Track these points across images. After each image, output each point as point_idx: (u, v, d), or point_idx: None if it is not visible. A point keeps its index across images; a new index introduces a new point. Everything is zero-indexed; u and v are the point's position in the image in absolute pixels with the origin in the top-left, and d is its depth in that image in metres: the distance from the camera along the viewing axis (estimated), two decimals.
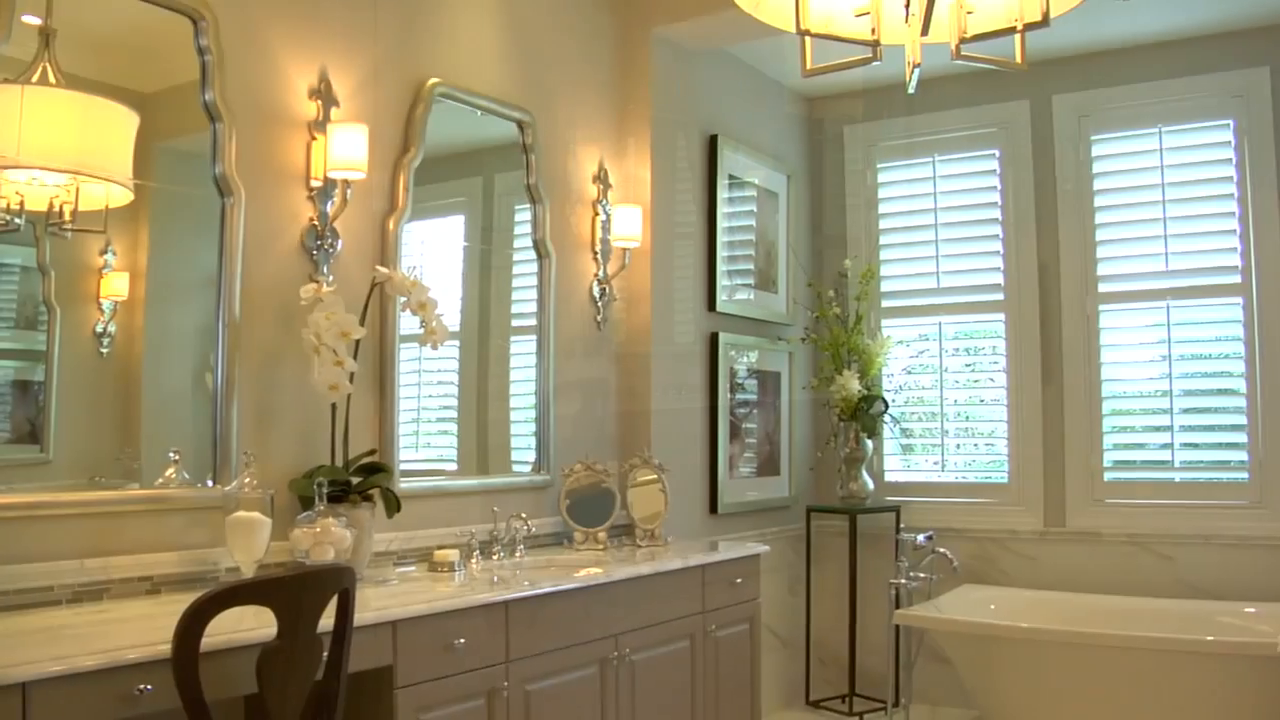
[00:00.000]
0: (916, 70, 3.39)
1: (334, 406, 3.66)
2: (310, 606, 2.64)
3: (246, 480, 3.32)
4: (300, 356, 3.62)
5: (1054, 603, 5.68)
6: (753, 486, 6.10)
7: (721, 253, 5.82)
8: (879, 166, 6.69)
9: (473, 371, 4.63)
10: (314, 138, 3.79)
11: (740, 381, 6.02)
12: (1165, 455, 5.89)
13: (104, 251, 3.22)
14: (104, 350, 3.23)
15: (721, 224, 5.82)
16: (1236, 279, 5.71)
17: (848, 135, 6.74)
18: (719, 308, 5.79)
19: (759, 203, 6.24)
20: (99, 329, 3.22)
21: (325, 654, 2.74)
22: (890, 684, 5.87)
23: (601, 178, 5.17)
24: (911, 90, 3.64)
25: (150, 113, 3.25)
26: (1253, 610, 5.32)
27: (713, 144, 5.81)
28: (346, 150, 3.71)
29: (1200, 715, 4.63)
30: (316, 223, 3.78)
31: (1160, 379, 5.89)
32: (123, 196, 3.19)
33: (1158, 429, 5.93)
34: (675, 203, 5.46)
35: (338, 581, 2.74)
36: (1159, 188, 5.89)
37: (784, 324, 6.42)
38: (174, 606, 2.60)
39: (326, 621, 2.72)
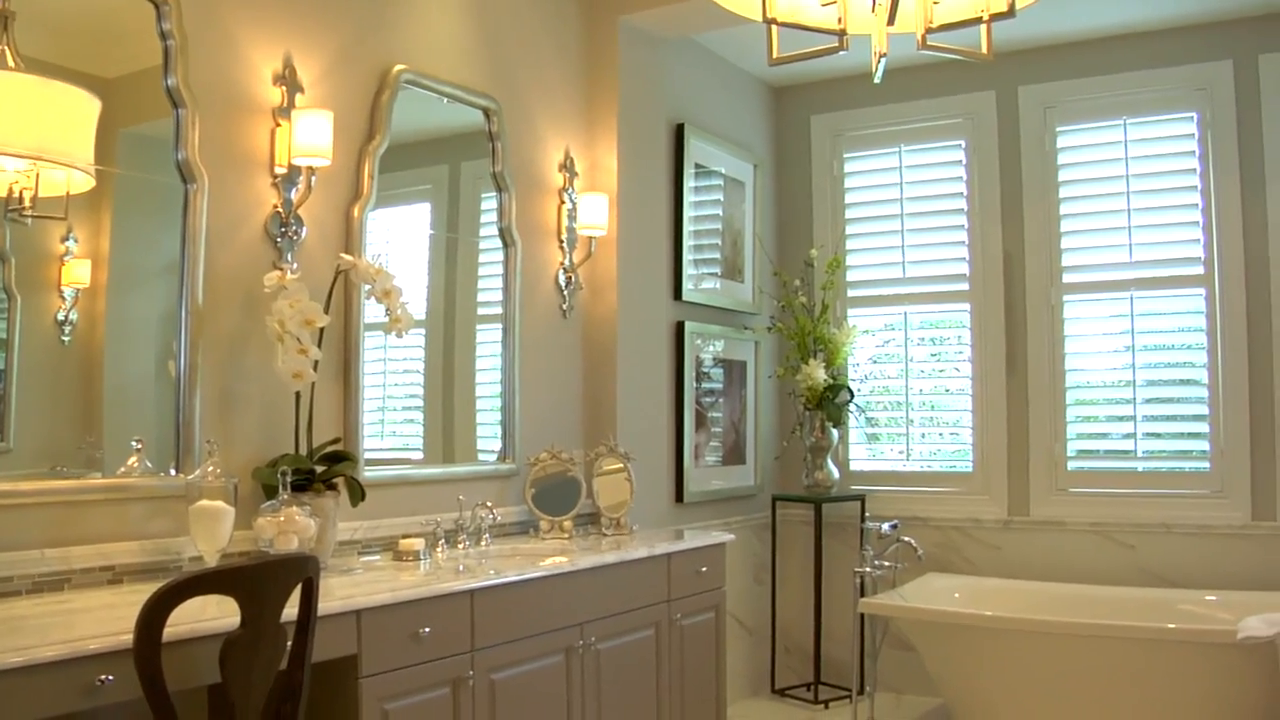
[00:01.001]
0: (883, 60, 3.39)
1: (298, 395, 3.64)
2: (274, 596, 2.62)
3: (210, 469, 3.29)
4: (264, 344, 3.60)
5: (1017, 591, 5.72)
6: (718, 475, 6.11)
7: (688, 241, 5.82)
8: (845, 156, 6.70)
9: (438, 360, 4.61)
10: (278, 124, 3.76)
11: (706, 370, 6.03)
12: (1128, 445, 5.94)
13: (65, 238, 3.19)
14: (65, 338, 3.20)
15: (688, 213, 5.83)
16: (1199, 270, 5.76)
17: (814, 125, 6.75)
18: (685, 296, 5.79)
19: (725, 191, 6.24)
20: (60, 317, 3.19)
21: (289, 644, 2.73)
22: (855, 672, 5.90)
23: (568, 166, 5.16)
24: (878, 80, 3.64)
25: (112, 98, 3.22)
26: (1213, 598, 5.38)
27: (679, 132, 5.81)
28: (311, 137, 3.68)
29: (1162, 702, 4.68)
30: (281, 210, 3.76)
31: (1123, 369, 5.94)
32: (84, 182, 3.15)
33: (1121, 419, 5.98)
34: (642, 191, 5.45)
35: (301, 570, 2.72)
36: (1123, 179, 5.94)
37: (750, 313, 6.43)
38: (136, 596, 2.58)
39: (290, 611, 2.71)
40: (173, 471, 3.39)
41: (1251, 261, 5.62)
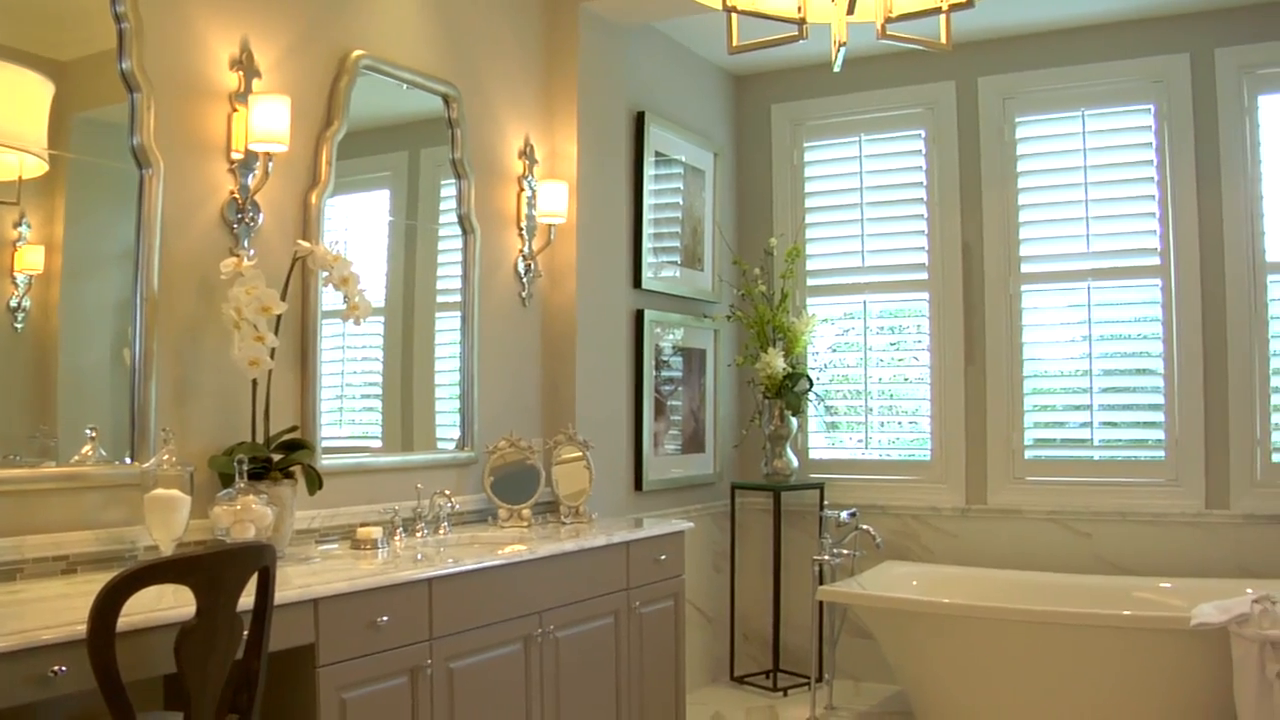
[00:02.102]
0: (842, 49, 3.40)
1: (255, 383, 3.61)
2: (230, 585, 2.60)
3: (165, 457, 3.26)
4: (220, 332, 3.57)
5: (975, 579, 5.77)
6: (677, 463, 6.12)
7: (647, 230, 5.82)
8: (805, 145, 6.72)
9: (397, 347, 4.59)
10: (235, 109, 3.72)
11: (665, 359, 6.03)
12: (1085, 434, 6.00)
13: (18, 224, 3.15)
14: (18, 325, 3.16)
15: (648, 201, 5.82)
16: (1156, 261, 5.82)
17: (775, 114, 6.76)
18: (645, 285, 5.79)
19: (685, 180, 6.24)
20: (13, 304, 3.15)
21: (245, 633, 2.71)
22: (813, 660, 5.92)
23: (527, 153, 5.14)
24: (837, 69, 3.64)
25: (66, 82, 3.18)
26: (1168, 585, 5.44)
27: (640, 120, 5.80)
28: (268, 122, 3.65)
29: (1117, 688, 4.72)
30: (237, 196, 3.73)
31: (1080, 359, 5.99)
32: (37, 167, 3.12)
33: (1077, 408, 6.04)
34: (601, 179, 5.44)
35: (258, 559, 2.70)
36: (1081, 170, 5.99)
37: (709, 301, 6.43)
38: (90, 586, 2.56)
39: (247, 600, 2.69)
40: (128, 460, 3.36)
41: (1206, 253, 5.68)
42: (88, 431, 3.31)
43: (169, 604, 2.64)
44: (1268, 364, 5.60)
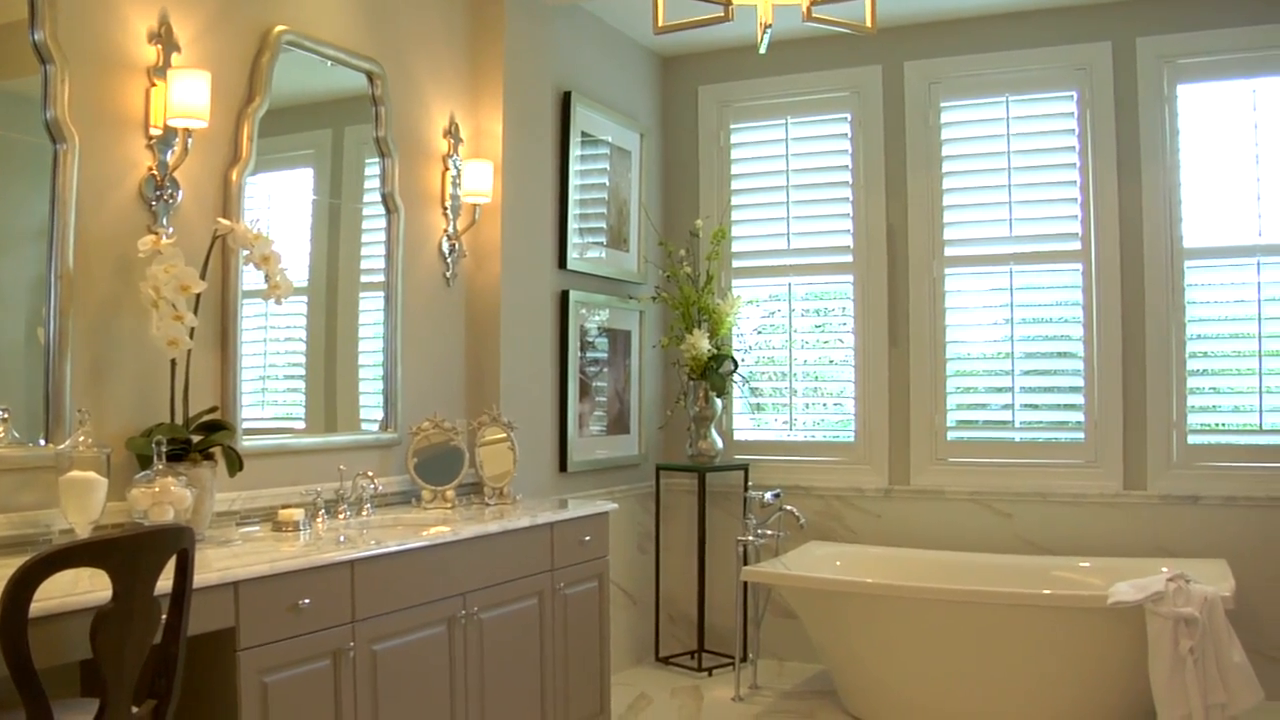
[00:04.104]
0: (768, 31, 3.41)
1: (173, 362, 3.55)
2: (146, 568, 2.56)
3: (81, 439, 3.20)
4: (138, 311, 3.51)
5: (898, 559, 5.83)
6: (602, 445, 6.12)
7: (573, 210, 5.80)
8: (732, 127, 6.73)
9: (321, 327, 4.53)
10: (153, 84, 3.65)
11: (591, 340, 6.02)
12: (1006, 415, 6.08)
13: None
14: None
15: (574, 181, 5.80)
16: (1076, 246, 5.90)
17: (702, 95, 6.76)
18: (570, 265, 5.78)
19: (612, 160, 6.23)
20: None
21: (164, 617, 2.67)
22: (738, 640, 5.96)
23: (452, 132, 5.10)
24: (762, 51, 3.65)
25: None
26: (1087, 564, 5.54)
27: (566, 100, 5.77)
28: (187, 97, 3.58)
29: (1038, 665, 4.80)
30: (156, 172, 3.65)
31: (1002, 342, 6.07)
32: None
33: (999, 390, 6.12)
34: (527, 159, 5.41)
35: (176, 542, 2.66)
36: (1004, 155, 6.07)
37: (635, 282, 6.43)
38: (3, 570, 2.50)
39: (165, 583, 2.65)
40: (42, 442, 3.29)
41: (1126, 238, 5.77)
42: (0, 412, 3.23)
43: (85, 588, 2.59)
44: (1184, 348, 5.71)
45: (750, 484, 6.33)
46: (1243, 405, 5.67)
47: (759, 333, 6.65)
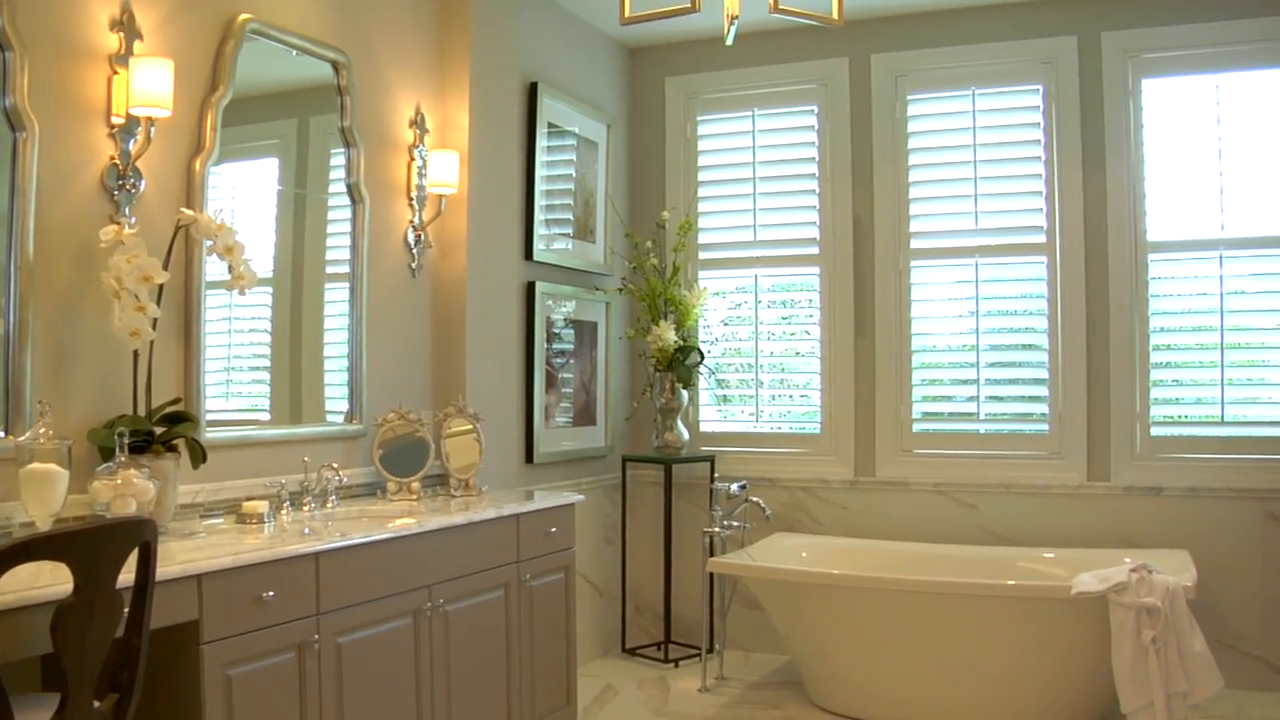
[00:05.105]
0: (734, 23, 3.40)
1: (136, 354, 3.52)
2: (108, 561, 2.54)
3: (42, 431, 3.17)
4: (100, 301, 3.47)
5: (863, 550, 5.85)
6: (568, 436, 6.11)
7: (539, 201, 5.78)
8: (699, 119, 6.72)
9: (286, 319, 4.50)
10: (116, 72, 3.61)
11: (557, 331, 6.01)
12: (971, 408, 6.11)
13: None
14: None
15: (540, 172, 5.79)
16: (1041, 239, 5.94)
17: (669, 86, 6.76)
18: (536, 256, 5.76)
19: (579, 152, 6.21)
20: None
21: (126, 610, 2.65)
22: (704, 631, 5.96)
23: (418, 122, 5.07)
24: (729, 42, 3.65)
25: None
26: (1050, 555, 5.57)
27: (533, 91, 5.75)
28: (150, 86, 3.54)
29: (1002, 655, 4.83)
30: (118, 162, 3.62)
31: (968, 334, 6.09)
32: None
33: (964, 382, 6.15)
34: (493, 149, 5.39)
35: (138, 534, 2.64)
36: (970, 148, 6.09)
37: (601, 274, 6.42)
38: None
39: (127, 577, 2.62)
40: (2, 434, 3.25)
41: (1091, 232, 5.81)
42: None
43: (45, 582, 2.57)
44: (1148, 341, 5.75)
45: (716, 475, 6.33)
46: (1205, 397, 5.73)
47: (725, 324, 6.66)
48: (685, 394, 6.33)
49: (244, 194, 4.27)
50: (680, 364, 6.22)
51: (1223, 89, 5.67)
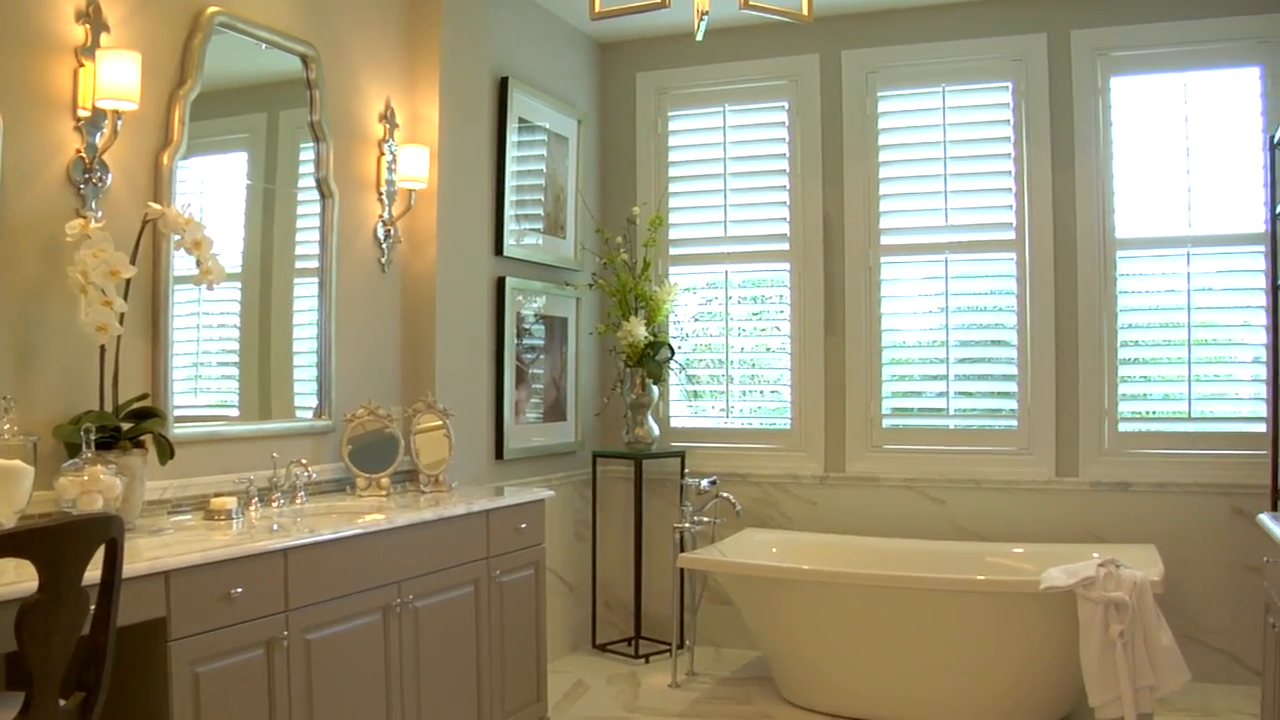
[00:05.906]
0: (705, 19, 3.40)
1: (103, 349, 3.50)
2: (74, 558, 2.51)
3: (7, 426, 3.14)
4: (66, 296, 3.44)
5: (833, 545, 5.86)
6: (539, 432, 6.10)
7: (510, 196, 5.77)
8: (670, 114, 6.72)
9: (255, 314, 4.47)
10: (82, 64, 3.58)
11: (527, 327, 6.00)
12: (941, 403, 6.13)
13: None
14: None
15: (510, 167, 5.77)
16: (1011, 235, 5.96)
17: (640, 82, 6.75)
18: (506, 252, 5.75)
19: (549, 147, 6.20)
20: None
21: (92, 607, 2.63)
22: (675, 626, 5.97)
23: (388, 117, 5.05)
24: (699, 38, 3.64)
25: None
26: (1019, 550, 5.60)
27: (503, 86, 5.74)
28: (117, 79, 3.52)
29: (971, 650, 4.85)
30: (84, 155, 3.59)
31: (938, 330, 6.12)
32: None
33: (934, 378, 6.17)
34: (463, 144, 5.37)
35: (104, 531, 2.62)
36: (940, 145, 6.11)
37: (572, 269, 6.41)
38: None
39: (94, 574, 2.60)
40: None
41: (1060, 228, 5.84)
42: None
43: (9, 579, 2.54)
44: (1116, 337, 5.79)
45: (687, 471, 6.34)
46: (1172, 394, 5.76)
47: (696, 320, 6.67)
48: (656, 389, 6.34)
49: (212, 188, 4.24)
50: (651, 360, 6.22)
51: (1190, 87, 5.71)
